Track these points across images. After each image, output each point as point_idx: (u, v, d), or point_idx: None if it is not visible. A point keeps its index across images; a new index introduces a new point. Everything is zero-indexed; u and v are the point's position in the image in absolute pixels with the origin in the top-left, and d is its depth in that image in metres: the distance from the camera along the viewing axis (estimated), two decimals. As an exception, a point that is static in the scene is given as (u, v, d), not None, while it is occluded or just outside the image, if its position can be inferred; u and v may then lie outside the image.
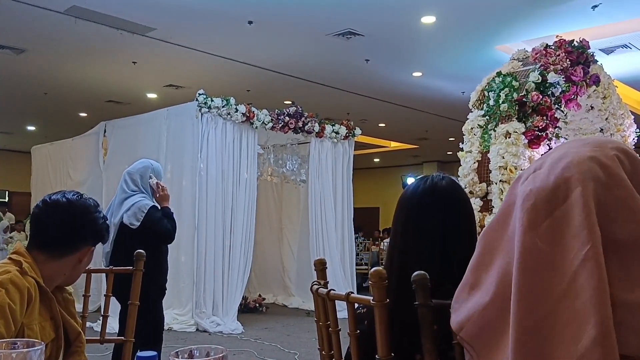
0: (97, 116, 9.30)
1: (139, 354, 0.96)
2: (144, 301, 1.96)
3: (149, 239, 3.60)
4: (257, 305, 8.35)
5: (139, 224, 3.67)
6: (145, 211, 3.69)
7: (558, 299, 0.80)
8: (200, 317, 6.74)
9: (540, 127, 4.33)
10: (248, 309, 8.09)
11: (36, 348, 0.91)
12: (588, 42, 4.71)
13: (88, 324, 5.46)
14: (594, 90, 4.76)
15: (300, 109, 7.93)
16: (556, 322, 0.79)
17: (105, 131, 8.02)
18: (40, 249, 1.58)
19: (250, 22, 6.37)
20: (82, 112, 11.08)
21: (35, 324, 1.48)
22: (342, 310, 1.30)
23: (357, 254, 10.83)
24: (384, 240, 12.39)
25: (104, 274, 2.50)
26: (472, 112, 4.77)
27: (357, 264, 9.45)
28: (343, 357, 1.40)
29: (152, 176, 3.81)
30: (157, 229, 3.70)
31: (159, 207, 3.81)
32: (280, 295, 9.14)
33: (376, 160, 17.57)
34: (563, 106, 4.48)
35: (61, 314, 1.59)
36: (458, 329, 0.95)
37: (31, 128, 13.09)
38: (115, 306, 4.06)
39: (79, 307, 1.82)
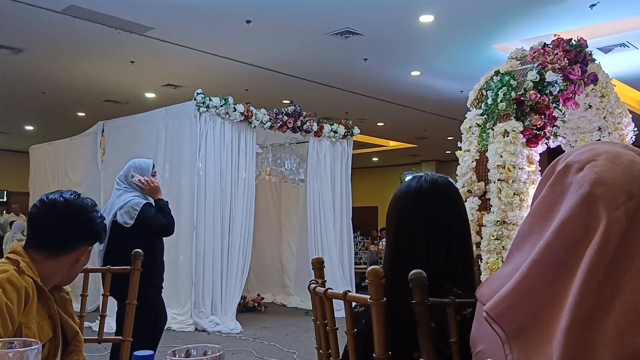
0: (95, 116, 9.29)
1: (136, 353, 0.96)
2: (140, 300, 1.96)
3: (144, 237, 3.57)
4: (256, 304, 8.35)
5: (132, 222, 3.65)
6: (139, 209, 3.68)
7: (631, 301, 0.78)
8: (198, 317, 6.74)
9: (538, 126, 4.33)
10: (247, 309, 8.09)
11: (33, 347, 0.91)
12: (586, 40, 4.71)
13: (87, 323, 5.46)
14: (592, 89, 4.76)
15: (298, 109, 7.93)
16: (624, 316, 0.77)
17: (103, 131, 8.01)
18: (38, 249, 1.57)
19: (248, 22, 6.37)
20: (80, 111, 11.07)
21: (32, 323, 1.48)
22: (340, 310, 1.30)
23: (356, 254, 10.83)
24: (383, 240, 12.39)
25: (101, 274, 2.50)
26: (470, 111, 4.77)
27: (355, 263, 9.46)
28: (341, 356, 1.40)
29: (134, 174, 3.80)
30: (152, 226, 3.67)
31: (153, 203, 3.79)
32: (279, 295, 9.14)
33: (375, 159, 17.58)
34: (561, 105, 4.48)
35: (59, 314, 1.59)
36: (490, 305, 0.91)
37: (29, 128, 13.07)
38: (113, 306, 4.06)
39: (76, 306, 1.82)
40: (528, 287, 0.86)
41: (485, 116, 4.55)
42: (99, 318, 2.04)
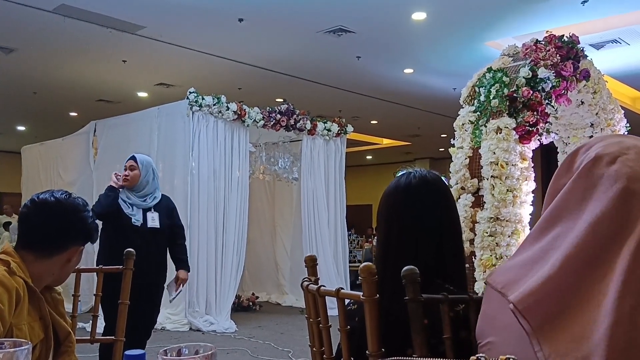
0: (87, 115, 9.24)
1: (127, 352, 0.95)
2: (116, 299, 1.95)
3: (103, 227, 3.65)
4: (251, 303, 8.34)
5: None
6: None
7: None
8: (193, 317, 6.73)
9: (531, 123, 4.35)
10: (241, 308, 8.08)
11: (23, 348, 0.90)
12: (578, 37, 4.72)
13: (80, 324, 5.44)
14: (584, 86, 4.78)
15: (291, 107, 7.92)
16: None
17: (95, 130, 7.98)
18: (29, 249, 1.56)
19: (240, 20, 6.35)
20: (73, 111, 11.01)
21: (24, 324, 1.47)
22: (334, 308, 1.30)
23: (351, 252, 10.84)
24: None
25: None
26: (463, 108, 4.78)
27: (350, 262, 9.46)
28: (334, 354, 1.40)
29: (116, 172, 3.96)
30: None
31: (117, 193, 3.88)
32: (274, 294, 9.13)
33: (368, 157, 17.59)
34: (553, 101, 4.49)
35: (50, 314, 1.57)
36: (517, 297, 0.86)
37: (21, 128, 13.00)
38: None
39: (68, 307, 1.80)
40: (559, 282, 0.83)
41: (478, 113, 4.57)
42: (92, 318, 2.03)
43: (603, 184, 0.86)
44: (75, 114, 11.10)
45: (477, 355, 0.67)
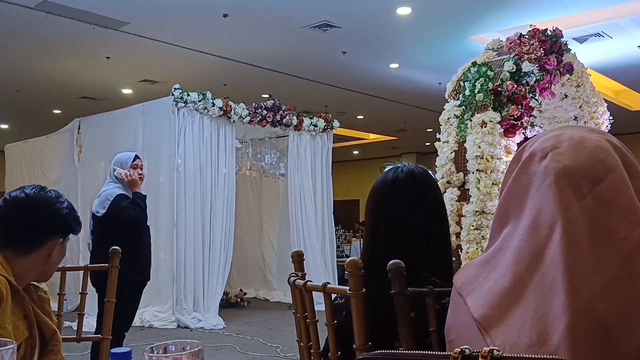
0: (71, 113, 9.15)
1: (113, 350, 0.95)
2: (118, 296, 1.94)
3: (115, 228, 3.65)
4: (239, 300, 8.33)
5: (104, 211, 3.71)
6: (112, 199, 3.74)
7: (610, 280, 0.77)
8: (181, 314, 6.71)
9: (515, 116, 4.38)
10: (229, 304, 8.07)
11: (7, 347, 0.89)
12: (561, 31, 4.75)
13: (67, 323, 5.40)
14: (568, 79, 4.82)
15: (277, 102, 7.90)
16: (613, 302, 0.76)
17: (79, 128, 7.91)
18: (7, 247, 1.56)
19: (225, 15, 6.32)
20: (56, 109, 10.90)
21: (8, 323, 1.46)
22: (321, 303, 1.30)
23: (338, 247, 10.86)
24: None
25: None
26: (448, 102, 4.80)
27: (338, 257, 9.48)
28: (321, 349, 1.40)
29: (116, 168, 3.89)
30: (122, 216, 3.72)
31: (130, 195, 3.85)
32: (262, 290, 9.13)
33: (355, 152, 17.61)
34: (537, 95, 4.52)
35: (36, 313, 1.57)
36: (481, 317, 0.86)
37: (4, 126, 12.85)
38: (93, 305, 4.02)
39: (54, 306, 1.79)
40: (510, 292, 0.84)
41: (463, 107, 4.59)
42: (78, 317, 2.01)
43: (536, 181, 0.87)
44: (59, 112, 10.99)
45: (461, 347, 0.68)
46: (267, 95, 8.88)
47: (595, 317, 0.76)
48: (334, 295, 1.35)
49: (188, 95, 6.88)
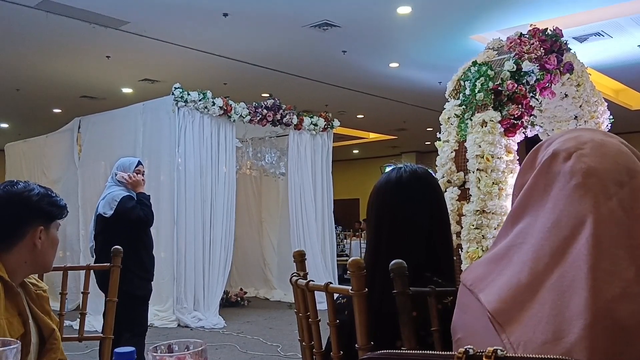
0: (71, 112, 9.15)
1: (117, 349, 0.95)
2: (122, 296, 1.95)
3: (124, 229, 3.75)
4: (239, 299, 8.33)
5: (112, 212, 3.82)
6: (118, 200, 3.84)
7: (629, 283, 0.78)
8: (181, 313, 6.71)
9: (515, 116, 4.37)
10: (230, 303, 8.07)
11: (12, 347, 0.90)
12: (561, 30, 4.75)
13: (68, 322, 5.41)
14: (568, 78, 4.81)
15: (278, 102, 7.90)
16: (632, 304, 0.76)
17: (79, 127, 7.90)
18: None
19: (225, 15, 6.31)
20: (56, 108, 10.90)
21: (1, 319, 1.47)
22: (323, 302, 1.31)
23: (338, 245, 10.86)
24: (365, 231, 12.43)
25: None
26: (448, 101, 4.80)
27: (338, 256, 9.48)
28: (324, 348, 1.40)
29: (118, 172, 4.01)
30: (130, 217, 3.83)
31: (135, 197, 3.94)
32: (262, 289, 9.13)
33: (355, 151, 17.61)
34: (538, 94, 4.52)
35: (34, 311, 1.58)
36: (495, 311, 0.86)
37: (4, 125, 12.84)
38: (95, 304, 4.03)
39: (56, 305, 1.79)
40: (526, 289, 0.84)
41: (464, 107, 4.59)
42: (80, 316, 2.02)
43: (560, 181, 0.88)
44: (59, 111, 10.98)
45: (465, 347, 0.68)
46: (268, 95, 8.88)
47: (614, 318, 0.76)
48: (335, 295, 1.35)
49: (188, 94, 6.89)
